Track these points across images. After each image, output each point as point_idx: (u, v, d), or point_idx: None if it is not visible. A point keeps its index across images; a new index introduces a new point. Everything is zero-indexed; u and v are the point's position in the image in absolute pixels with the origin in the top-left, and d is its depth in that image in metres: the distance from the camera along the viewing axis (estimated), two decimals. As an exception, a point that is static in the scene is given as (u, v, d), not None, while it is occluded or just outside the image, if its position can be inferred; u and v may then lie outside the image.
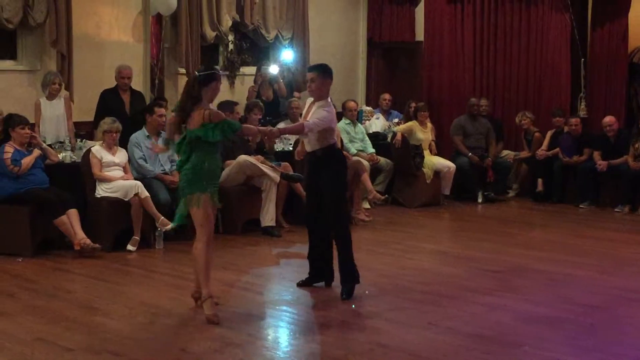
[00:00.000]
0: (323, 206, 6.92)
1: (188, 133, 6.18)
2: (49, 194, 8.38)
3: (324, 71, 7.02)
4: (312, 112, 6.90)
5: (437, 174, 11.68)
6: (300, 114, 10.72)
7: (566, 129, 11.81)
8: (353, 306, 6.57)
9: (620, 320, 6.35)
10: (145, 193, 8.55)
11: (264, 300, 6.90)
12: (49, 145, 9.09)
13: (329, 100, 6.99)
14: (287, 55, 12.69)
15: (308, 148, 7.00)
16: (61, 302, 6.65)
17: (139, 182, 8.64)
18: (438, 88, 13.65)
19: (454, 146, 12.35)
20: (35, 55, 10.35)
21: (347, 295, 6.77)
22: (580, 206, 11.42)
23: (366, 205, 10.85)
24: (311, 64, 12.98)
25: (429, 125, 12.13)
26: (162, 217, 8.54)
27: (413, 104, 12.20)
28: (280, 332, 6.14)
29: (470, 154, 12.03)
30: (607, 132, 11.44)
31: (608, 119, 11.48)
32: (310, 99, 7.07)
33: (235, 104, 9.79)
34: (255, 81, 11.91)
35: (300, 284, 7.15)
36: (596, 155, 11.48)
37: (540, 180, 11.93)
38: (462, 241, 9.46)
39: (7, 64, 10.29)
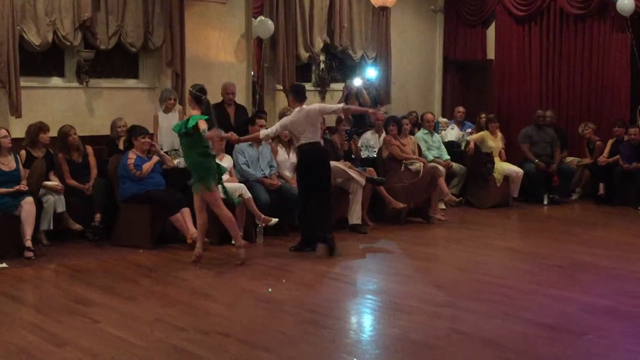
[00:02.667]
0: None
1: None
2: (165, 195, 8.56)
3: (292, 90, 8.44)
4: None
5: (507, 178, 11.51)
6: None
7: (626, 137, 11.49)
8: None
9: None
10: (248, 194, 8.65)
11: (351, 289, 6.92)
12: (166, 152, 9.29)
13: (297, 110, 8.11)
14: (371, 72, 12.67)
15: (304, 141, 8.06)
16: (176, 288, 6.80)
17: (243, 185, 8.75)
18: (507, 101, 13.48)
19: (522, 153, 12.14)
20: (154, 74, 10.57)
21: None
22: (639, 208, 11.08)
23: (442, 206, 10.76)
24: (393, 80, 13.05)
25: (499, 134, 11.98)
26: (263, 215, 8.64)
27: (484, 116, 12.09)
28: (365, 317, 6.15)
29: (536, 160, 11.81)
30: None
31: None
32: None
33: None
34: (342, 94, 11.94)
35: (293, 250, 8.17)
36: (654, 161, 11.17)
37: (601, 185, 11.62)
38: (529, 239, 9.30)
39: (131, 82, 10.51)
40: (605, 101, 12.43)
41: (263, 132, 8.37)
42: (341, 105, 8.93)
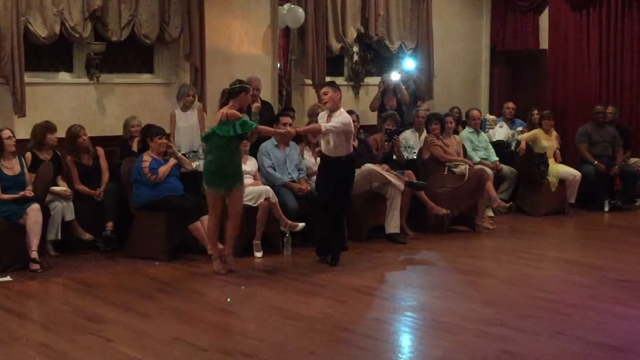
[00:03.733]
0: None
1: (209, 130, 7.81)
2: (183, 201, 8.60)
3: (334, 85, 8.30)
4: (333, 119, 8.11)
5: (562, 182, 11.43)
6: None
7: (697, 136, 11.37)
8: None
9: None
10: (275, 198, 8.66)
11: (389, 305, 6.90)
12: (184, 155, 9.35)
13: (342, 110, 8.17)
14: (410, 64, 12.65)
15: (331, 153, 8.16)
16: (196, 304, 6.83)
17: (269, 188, 8.75)
18: (563, 96, 13.39)
19: (579, 154, 12.05)
20: (170, 68, 10.64)
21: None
22: None
23: (490, 213, 10.71)
24: (435, 73, 13.02)
25: (554, 133, 11.89)
26: (290, 222, 8.66)
27: (537, 112, 12.01)
28: (405, 337, 6.14)
29: (596, 162, 11.71)
30: None
31: None
32: (324, 112, 8.28)
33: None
34: (379, 90, 11.91)
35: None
36: None
37: (671, 189, 11.53)
38: (588, 250, 9.22)
39: (145, 77, 10.60)
40: (674, 95, 12.32)
41: (324, 125, 8.10)
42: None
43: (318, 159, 9.45)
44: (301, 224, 8.68)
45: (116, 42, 9.94)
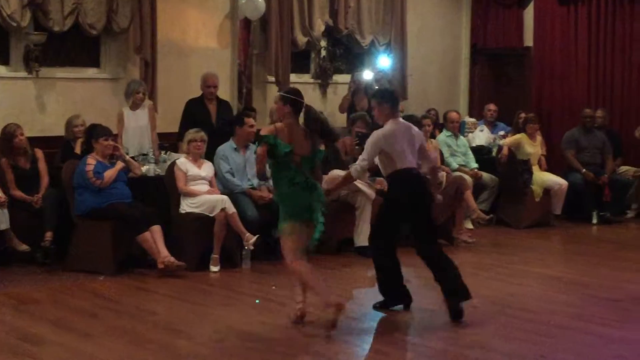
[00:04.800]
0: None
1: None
2: (131, 209, 8.56)
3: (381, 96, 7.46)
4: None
5: (547, 191, 11.53)
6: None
7: (692, 142, 11.54)
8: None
9: None
10: (232, 209, 8.66)
11: (357, 325, 6.90)
12: (132, 158, 9.31)
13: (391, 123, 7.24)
14: (384, 61, 12.69)
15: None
16: (144, 323, 6.79)
17: (226, 197, 8.76)
18: (549, 98, 13.52)
19: (566, 161, 12.17)
20: (118, 62, 10.59)
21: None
22: None
23: (469, 225, 10.77)
24: (410, 71, 13.08)
25: (539, 138, 11.99)
26: (248, 233, 8.65)
27: (522, 115, 12.09)
28: (377, 360, 6.16)
29: (584, 170, 11.83)
30: None
31: None
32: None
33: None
34: (349, 89, 11.94)
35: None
36: None
37: (663, 200, 11.68)
38: (575, 266, 9.31)
39: (90, 72, 10.54)
40: (668, 98, 12.49)
41: (354, 169, 7.24)
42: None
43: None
44: (254, 237, 8.64)
45: (58, 33, 9.87)
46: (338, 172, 9.40)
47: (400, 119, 7.42)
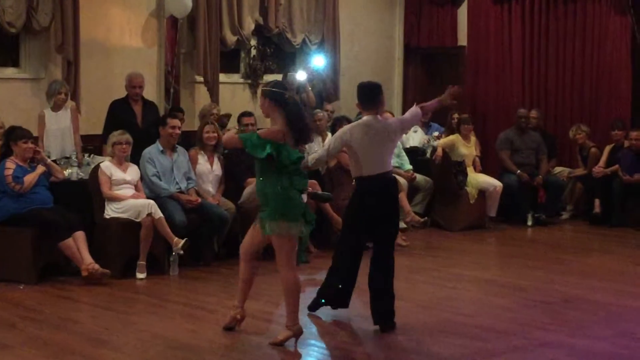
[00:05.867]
0: None
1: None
2: (53, 215, 8.45)
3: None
4: None
5: (482, 193, 11.65)
6: (327, 127, 10.90)
7: (626, 143, 11.73)
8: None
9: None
10: (159, 213, 8.60)
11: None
12: (54, 161, 9.19)
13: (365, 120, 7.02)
14: (319, 61, 12.69)
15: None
16: (67, 333, 6.71)
17: (152, 202, 8.70)
18: (483, 98, 13.64)
19: (500, 163, 12.31)
20: (39, 62, 10.46)
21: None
22: (643, 230, 11.35)
23: (402, 226, 10.82)
24: (342, 72, 13.11)
25: (473, 139, 12.11)
26: (177, 238, 8.59)
27: (455, 116, 12.19)
28: (308, 368, 6.16)
29: (518, 171, 11.98)
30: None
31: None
32: None
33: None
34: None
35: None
36: (661, 173, 11.44)
37: (597, 201, 11.84)
38: (510, 269, 9.41)
39: (9, 71, 10.41)
40: (601, 98, 12.69)
41: (312, 157, 7.07)
42: (415, 107, 7.52)
43: (215, 165, 9.44)
44: (182, 241, 8.59)
45: (-25, 31, 9.72)
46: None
47: (380, 117, 7.05)
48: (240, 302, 6.73)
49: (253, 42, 12.61)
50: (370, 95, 7.05)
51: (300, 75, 12.01)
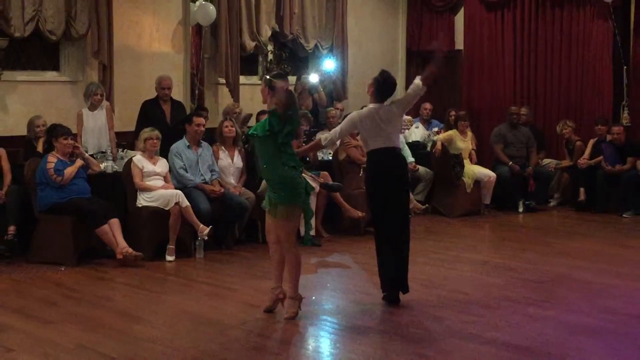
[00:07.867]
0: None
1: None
2: (91, 204, 8.47)
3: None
4: None
5: (478, 183, 11.63)
6: (338, 123, 10.86)
7: (609, 137, 11.68)
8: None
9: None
10: (185, 202, 8.61)
11: (303, 309, 6.86)
12: (91, 155, 9.21)
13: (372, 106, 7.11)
14: (329, 64, 12.72)
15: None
16: (102, 310, 6.72)
17: (179, 192, 8.71)
18: (478, 97, 13.62)
19: (494, 155, 12.29)
20: (77, 66, 10.48)
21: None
22: (624, 215, 11.28)
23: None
24: (350, 74, 13.09)
25: (469, 134, 12.09)
26: (202, 225, 8.60)
27: (453, 113, 12.18)
28: (321, 341, 6.14)
29: (510, 163, 11.95)
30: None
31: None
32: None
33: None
34: (295, 90, 11.92)
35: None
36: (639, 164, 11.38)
37: (582, 190, 11.79)
38: (503, 251, 9.39)
39: (51, 75, 10.42)
40: (586, 97, 12.63)
41: (324, 136, 7.17)
42: (418, 80, 7.42)
43: (236, 159, 9.44)
44: (207, 229, 8.59)
45: (19, 38, 9.74)
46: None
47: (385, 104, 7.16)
48: (277, 282, 6.66)
49: (270, 47, 12.61)
50: (389, 92, 7.29)
51: (313, 78, 12.02)
